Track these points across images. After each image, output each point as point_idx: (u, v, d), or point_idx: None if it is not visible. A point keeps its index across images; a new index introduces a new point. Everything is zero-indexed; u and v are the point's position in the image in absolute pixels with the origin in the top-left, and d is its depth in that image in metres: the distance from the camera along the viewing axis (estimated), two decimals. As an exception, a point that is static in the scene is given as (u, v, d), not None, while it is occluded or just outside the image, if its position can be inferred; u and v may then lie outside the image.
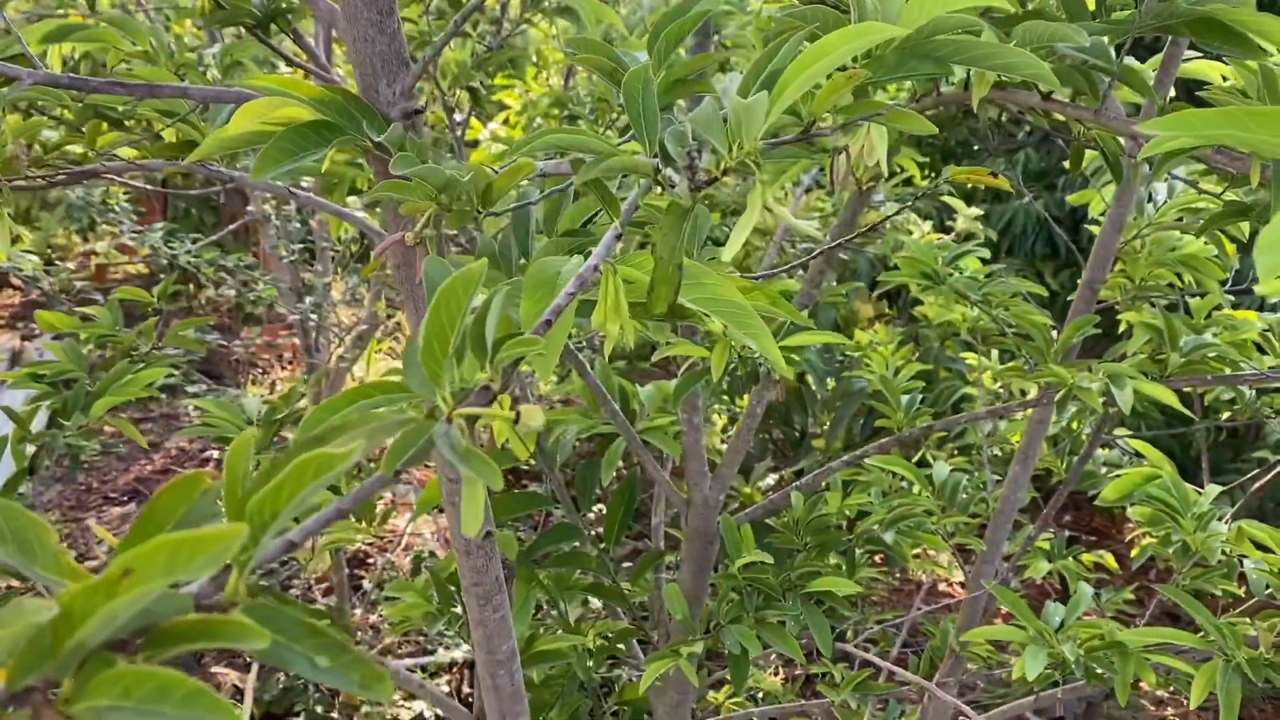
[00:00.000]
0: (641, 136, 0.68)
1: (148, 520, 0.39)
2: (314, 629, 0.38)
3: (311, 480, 0.38)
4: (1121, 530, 4.87)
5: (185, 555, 0.32)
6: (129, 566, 0.32)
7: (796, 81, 0.61)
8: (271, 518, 0.39)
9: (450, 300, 0.49)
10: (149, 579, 0.32)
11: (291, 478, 0.38)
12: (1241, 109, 0.53)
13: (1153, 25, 1.05)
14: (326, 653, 0.38)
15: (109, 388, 1.55)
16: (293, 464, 0.38)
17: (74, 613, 0.32)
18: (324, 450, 0.38)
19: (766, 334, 0.87)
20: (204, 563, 0.32)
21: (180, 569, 0.32)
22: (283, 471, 0.38)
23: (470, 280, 0.49)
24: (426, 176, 0.74)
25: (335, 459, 0.38)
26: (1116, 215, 1.70)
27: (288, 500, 0.38)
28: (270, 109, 0.92)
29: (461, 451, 0.49)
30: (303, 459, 0.38)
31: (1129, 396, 1.46)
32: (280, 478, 0.38)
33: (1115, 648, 1.60)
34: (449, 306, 0.49)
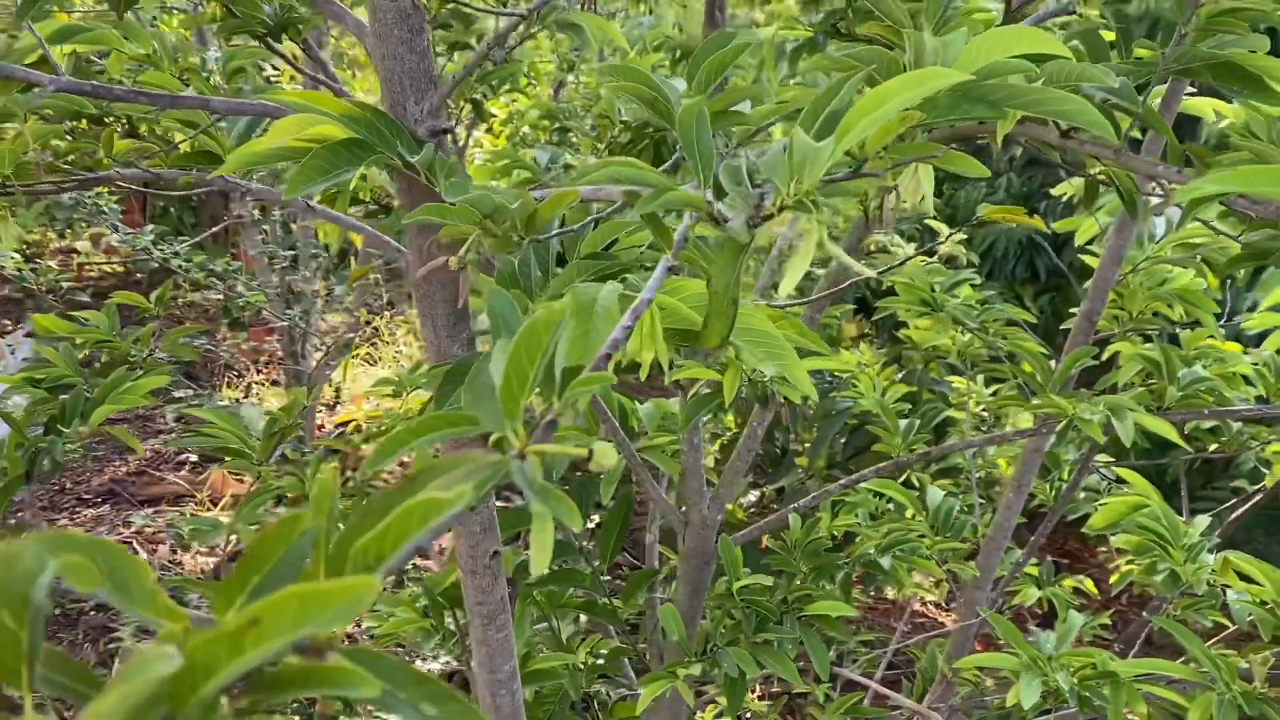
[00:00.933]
0: (697, 171, 0.68)
1: (250, 564, 0.39)
2: (420, 676, 0.38)
3: (417, 527, 0.38)
4: (1094, 554, 4.91)
5: (316, 607, 0.32)
6: (257, 617, 0.32)
7: (859, 125, 0.61)
8: (376, 563, 0.38)
9: (532, 340, 0.49)
10: (277, 632, 0.32)
11: (398, 523, 0.38)
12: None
13: (1175, 68, 1.06)
14: (433, 701, 0.37)
15: (109, 395, 1.54)
16: (400, 510, 0.38)
17: (198, 665, 0.32)
18: (432, 495, 0.38)
19: (799, 363, 0.88)
20: (335, 615, 0.32)
21: (310, 621, 0.32)
22: (389, 517, 0.38)
23: (554, 319, 0.49)
24: (476, 203, 0.74)
25: (444, 504, 0.38)
26: (1116, 248, 1.72)
27: (393, 546, 0.38)
28: (303, 126, 0.92)
29: (539, 488, 0.49)
30: (410, 505, 0.38)
31: (1130, 429, 1.47)
32: (387, 523, 0.38)
33: (1107, 677, 1.62)
34: (529, 346, 0.49)
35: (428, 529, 0.38)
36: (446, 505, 0.38)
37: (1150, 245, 1.79)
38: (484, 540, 1.28)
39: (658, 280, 0.69)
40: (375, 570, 0.38)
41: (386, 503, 0.41)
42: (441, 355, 1.15)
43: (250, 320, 4.85)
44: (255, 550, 0.39)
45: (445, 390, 0.99)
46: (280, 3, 1.57)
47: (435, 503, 0.38)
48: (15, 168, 1.16)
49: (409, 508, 0.38)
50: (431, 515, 0.38)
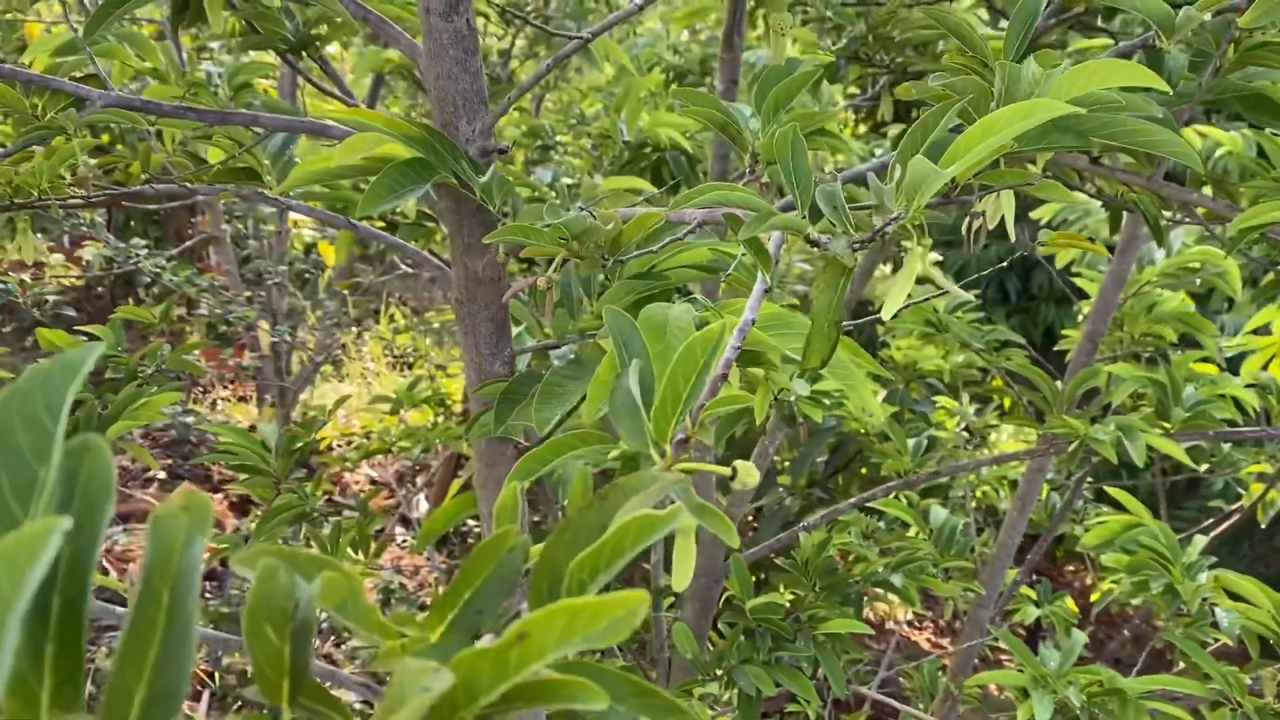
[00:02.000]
0: (794, 195, 0.69)
1: (462, 580, 0.40)
2: (640, 688, 0.38)
3: (632, 545, 0.39)
4: (1063, 573, 4.98)
5: (585, 622, 0.32)
6: (524, 632, 0.33)
7: (972, 153, 0.63)
8: (591, 578, 0.39)
9: (689, 361, 0.50)
10: (545, 648, 0.32)
11: (614, 539, 0.39)
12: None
13: (1209, 99, 1.10)
14: (651, 713, 0.38)
15: (123, 411, 1.52)
16: (618, 527, 0.39)
17: (467, 682, 0.32)
18: (649, 513, 0.39)
19: (868, 390, 0.89)
20: (606, 629, 0.33)
21: (579, 635, 0.33)
22: (608, 534, 0.39)
23: (711, 340, 0.50)
24: (570, 224, 0.75)
25: (658, 521, 0.39)
26: (1119, 271, 1.76)
27: (609, 562, 0.39)
28: (370, 145, 0.92)
29: (695, 506, 0.50)
30: (627, 522, 0.39)
31: (1142, 449, 1.50)
32: (605, 540, 0.39)
33: (1115, 694, 1.64)
34: (686, 367, 0.50)
35: (640, 546, 0.39)
36: (660, 523, 0.39)
37: (1148, 269, 1.84)
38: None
39: (757, 301, 0.70)
40: (591, 585, 0.39)
41: (584, 520, 0.41)
42: (483, 373, 1.15)
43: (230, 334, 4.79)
44: (468, 567, 0.40)
45: (503, 408, 0.99)
46: (302, 20, 1.57)
47: (649, 520, 0.39)
48: (50, 182, 1.15)
49: (625, 526, 0.39)
50: (645, 534, 0.39)
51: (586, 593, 0.39)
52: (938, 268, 3.91)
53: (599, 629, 0.33)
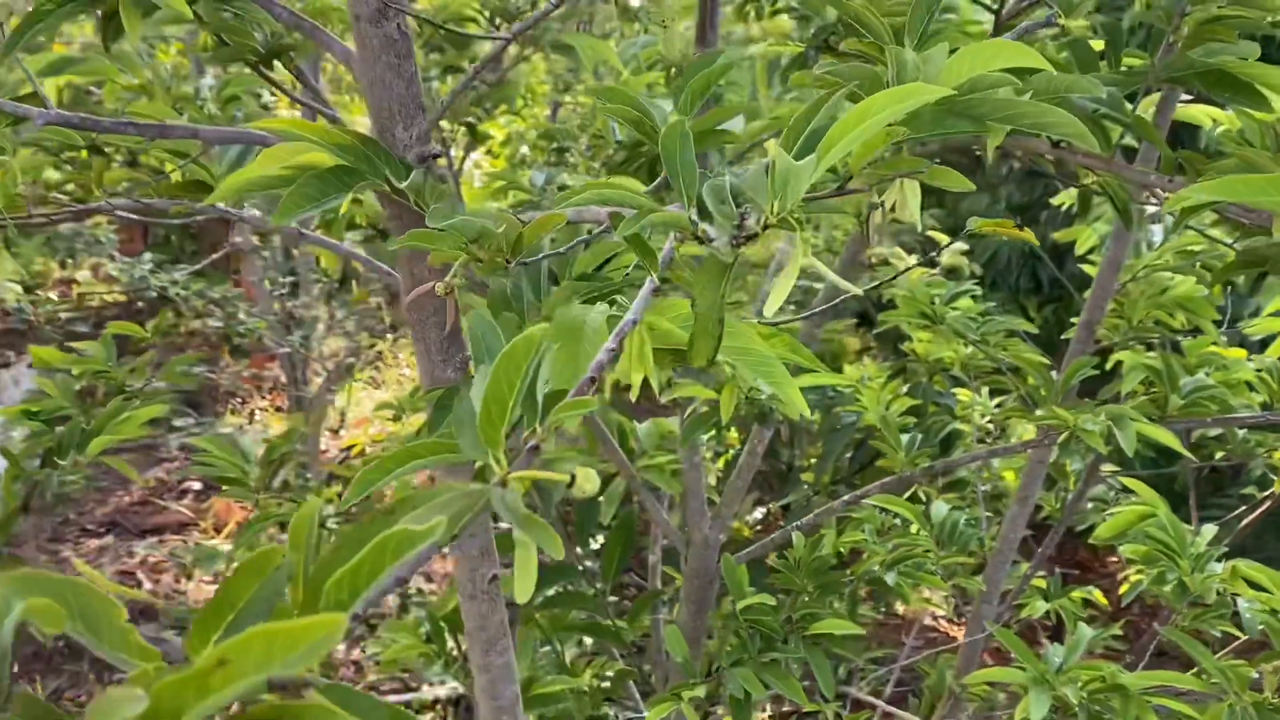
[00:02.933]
0: (680, 191, 0.68)
1: (223, 600, 0.39)
2: (395, 712, 0.37)
3: (391, 560, 0.38)
4: (1105, 564, 4.89)
5: (283, 646, 0.31)
6: (225, 658, 0.31)
7: (842, 142, 0.61)
8: (351, 598, 0.38)
9: (510, 366, 0.49)
10: (244, 672, 0.31)
11: (371, 557, 0.38)
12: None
13: (1165, 77, 1.06)
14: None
15: (105, 426, 1.53)
16: (373, 543, 0.38)
17: (165, 707, 0.31)
18: (405, 528, 0.38)
19: (790, 382, 0.87)
20: (302, 654, 0.31)
21: (277, 660, 0.31)
22: (363, 551, 0.38)
23: (531, 346, 0.49)
24: (461, 228, 0.74)
25: (417, 537, 0.38)
26: (1114, 256, 1.71)
27: (368, 580, 0.38)
28: (292, 154, 0.92)
29: (520, 517, 0.49)
30: (383, 538, 0.38)
31: (1132, 438, 1.46)
32: (360, 557, 0.37)
33: (1116, 690, 1.60)
34: (509, 372, 0.49)
35: (402, 562, 0.38)
36: (420, 538, 0.37)
37: (1149, 253, 1.79)
38: (482, 565, 1.28)
39: (643, 301, 0.68)
40: (351, 604, 0.38)
41: (361, 535, 0.40)
42: (435, 380, 1.15)
43: (251, 347, 4.86)
44: (230, 586, 0.38)
45: (436, 416, 0.98)
46: (271, 30, 1.57)
47: (408, 535, 0.37)
48: (5, 200, 1.16)
49: (382, 541, 0.37)
50: (405, 548, 0.37)
51: (348, 611, 0.38)
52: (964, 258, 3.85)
53: (297, 653, 0.31)
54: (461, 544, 1.26)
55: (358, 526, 0.41)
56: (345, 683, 3.01)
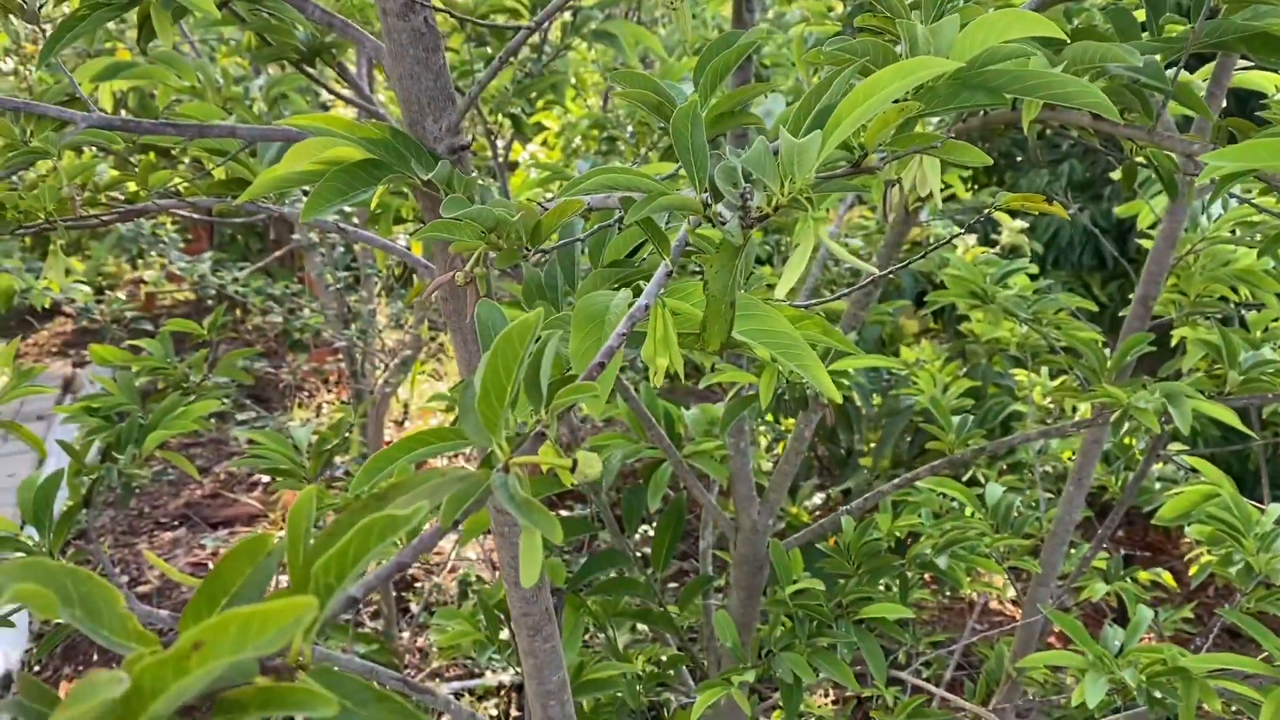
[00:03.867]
0: (691, 174, 0.67)
1: (214, 583, 0.39)
2: (379, 694, 0.38)
3: (376, 543, 0.38)
4: (1178, 546, 4.77)
5: (256, 629, 0.32)
6: (199, 640, 0.32)
7: (850, 118, 0.60)
8: (337, 580, 0.39)
9: (507, 350, 0.49)
10: (219, 654, 0.32)
11: (356, 541, 0.38)
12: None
13: (1206, 42, 1.03)
14: (393, 716, 0.37)
15: (161, 421, 1.57)
16: (357, 527, 0.38)
17: (144, 688, 0.32)
18: (389, 512, 0.38)
19: (818, 363, 0.86)
20: (274, 637, 0.32)
21: (250, 643, 0.32)
22: (347, 535, 0.38)
23: (527, 329, 0.49)
24: (476, 217, 0.74)
25: (399, 521, 0.38)
26: (1169, 230, 1.67)
27: (353, 563, 0.38)
28: (321, 149, 0.93)
29: (520, 502, 0.49)
30: (367, 522, 0.38)
31: (1187, 415, 1.43)
32: (345, 541, 0.38)
33: (1178, 673, 1.57)
34: (506, 356, 0.49)
35: (385, 545, 0.38)
36: (403, 522, 0.38)
37: (1206, 225, 1.74)
38: (526, 552, 1.29)
39: (656, 286, 0.68)
40: (337, 587, 0.38)
41: (351, 520, 0.41)
42: (472, 369, 1.16)
43: (314, 341, 4.93)
44: (220, 570, 0.39)
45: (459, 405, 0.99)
46: (313, 30, 1.59)
47: (390, 520, 0.38)
48: (56, 204, 1.19)
49: (367, 525, 0.38)
50: (388, 532, 0.38)
51: (334, 594, 0.39)
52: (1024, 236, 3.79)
53: (269, 635, 0.32)
54: (504, 531, 1.27)
55: (350, 512, 0.42)
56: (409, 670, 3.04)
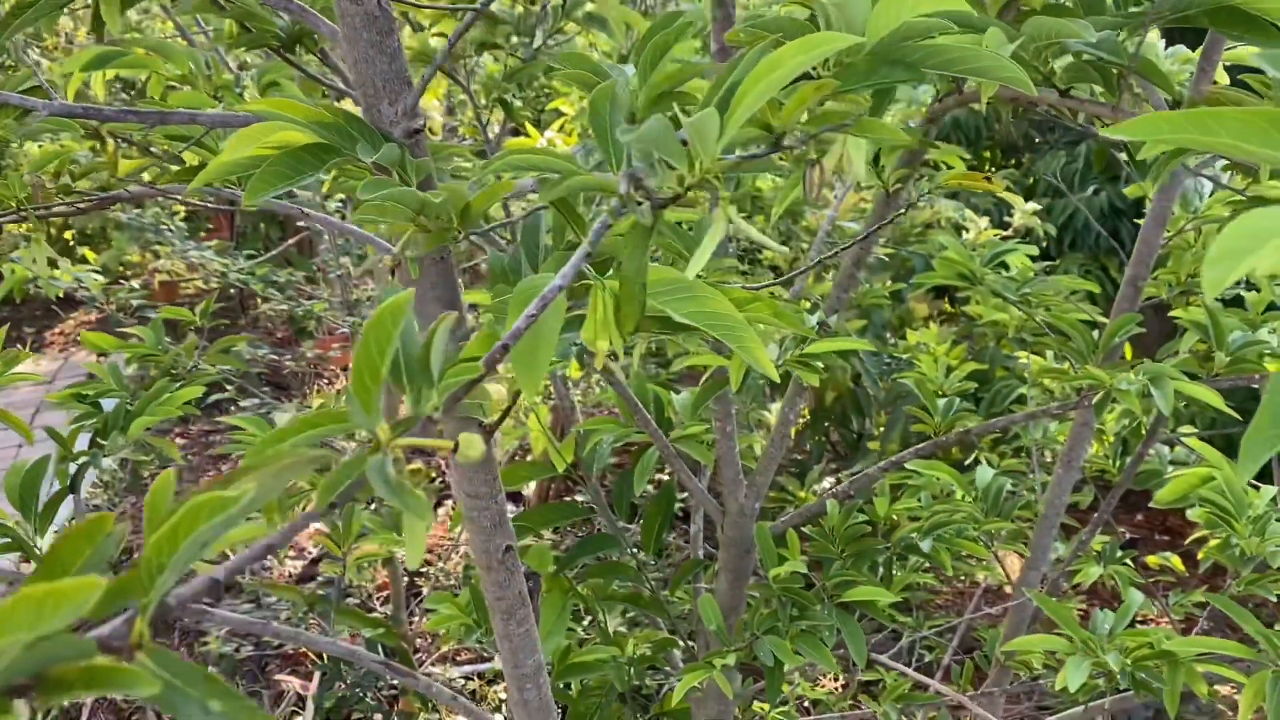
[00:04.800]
0: (608, 155, 0.67)
1: (53, 563, 0.40)
2: (207, 676, 0.38)
3: (205, 522, 0.38)
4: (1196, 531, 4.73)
5: (51, 607, 0.32)
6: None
7: (752, 94, 0.59)
8: (169, 559, 0.39)
9: (379, 330, 0.49)
10: (14, 629, 0.32)
11: (185, 521, 0.38)
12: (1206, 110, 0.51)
13: (1169, 16, 1.01)
14: (219, 699, 0.37)
15: (147, 407, 1.59)
16: (185, 507, 0.38)
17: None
18: (216, 493, 0.38)
19: (759, 345, 0.86)
20: (67, 613, 0.32)
21: (46, 620, 0.32)
22: (177, 515, 0.38)
23: (398, 310, 0.49)
24: (398, 199, 0.74)
25: (229, 501, 0.38)
26: (1159, 209, 1.64)
27: (182, 542, 0.38)
28: (266, 133, 0.93)
29: (394, 486, 0.49)
30: (195, 502, 0.38)
31: (1169, 397, 1.41)
32: (173, 522, 0.38)
33: (1164, 657, 1.55)
34: (379, 336, 0.49)
35: (216, 525, 0.38)
36: (230, 503, 0.38)
37: (1199, 204, 1.71)
38: (495, 536, 1.29)
39: (573, 267, 0.68)
40: (168, 566, 0.38)
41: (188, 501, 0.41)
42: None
43: (322, 329, 4.96)
44: (59, 551, 0.39)
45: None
46: (293, 17, 1.59)
47: (219, 500, 0.38)
48: (27, 192, 1.20)
49: (194, 505, 0.38)
50: (217, 512, 0.38)
51: (164, 575, 0.39)
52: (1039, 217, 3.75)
53: (62, 613, 0.32)
54: (473, 516, 1.28)
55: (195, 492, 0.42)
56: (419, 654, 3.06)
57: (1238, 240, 0.44)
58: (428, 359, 0.54)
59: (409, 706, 3.35)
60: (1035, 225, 3.66)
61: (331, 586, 3.60)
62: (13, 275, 2.31)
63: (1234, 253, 0.43)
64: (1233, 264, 0.43)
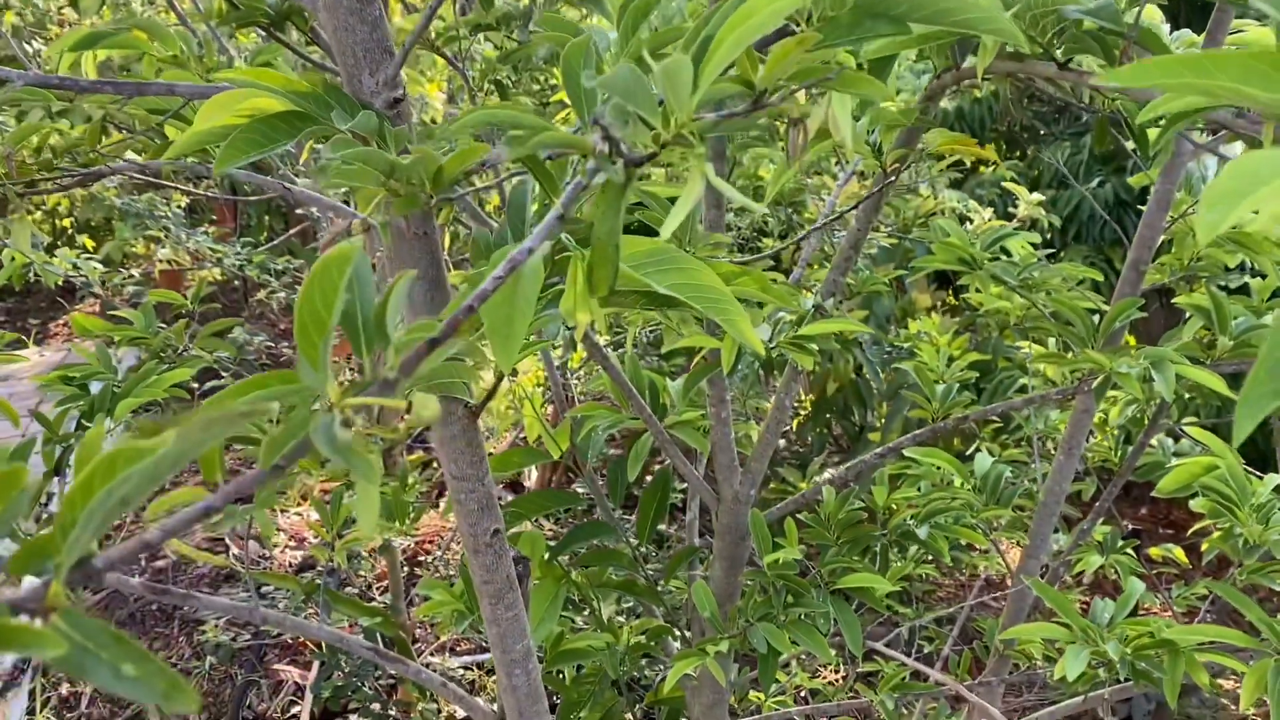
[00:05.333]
0: (580, 111, 0.64)
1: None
2: (119, 638, 0.35)
3: (120, 473, 0.36)
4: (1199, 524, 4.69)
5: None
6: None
7: (726, 44, 0.57)
8: (82, 511, 0.36)
9: (324, 281, 0.46)
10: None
11: (100, 472, 0.36)
12: (1208, 54, 0.48)
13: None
14: (130, 660, 0.35)
15: (134, 388, 1.57)
16: (100, 458, 0.36)
17: None
18: (133, 443, 0.36)
19: (744, 318, 0.83)
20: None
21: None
22: (89, 466, 0.36)
23: (344, 259, 0.46)
24: (367, 159, 0.72)
25: (145, 451, 0.36)
26: (1162, 192, 1.62)
27: (96, 495, 0.36)
28: (238, 100, 0.91)
29: (340, 446, 0.46)
30: (112, 452, 0.36)
31: (1171, 381, 1.38)
32: (87, 472, 0.36)
33: (1164, 645, 1.53)
34: (324, 285, 0.47)
35: (130, 476, 0.36)
36: (145, 453, 0.35)
37: (1203, 187, 1.68)
38: (483, 519, 1.26)
39: (545, 230, 0.65)
40: (82, 519, 0.36)
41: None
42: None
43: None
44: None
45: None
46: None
47: (134, 450, 0.36)
48: (4, 169, 1.18)
49: (111, 455, 0.36)
50: (132, 462, 0.36)
51: (76, 531, 0.36)
52: (1043, 208, 3.72)
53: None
54: (460, 498, 1.25)
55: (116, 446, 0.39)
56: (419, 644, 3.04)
57: (1235, 182, 0.41)
58: (383, 316, 0.51)
59: (407, 696, 3.34)
60: (1040, 216, 3.63)
61: (331, 576, 3.58)
62: (12, 263, 2.30)
63: (1230, 195, 0.40)
64: (1229, 206, 0.40)
